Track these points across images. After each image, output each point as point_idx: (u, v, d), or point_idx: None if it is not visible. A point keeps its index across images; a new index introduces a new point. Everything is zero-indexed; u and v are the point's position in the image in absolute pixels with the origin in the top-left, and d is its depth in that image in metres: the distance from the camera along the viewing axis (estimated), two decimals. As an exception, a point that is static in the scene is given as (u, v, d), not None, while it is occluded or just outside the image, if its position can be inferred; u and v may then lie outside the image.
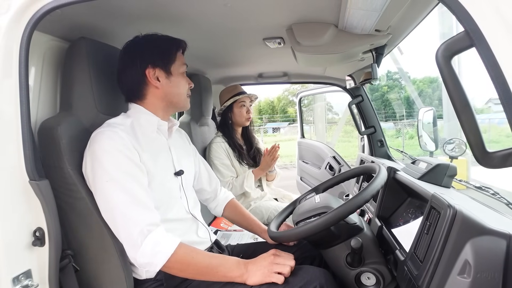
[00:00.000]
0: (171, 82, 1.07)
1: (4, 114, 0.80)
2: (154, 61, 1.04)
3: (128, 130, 0.99)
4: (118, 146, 0.92)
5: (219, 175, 1.97)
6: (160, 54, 1.05)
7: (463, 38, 0.60)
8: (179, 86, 1.09)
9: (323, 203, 1.01)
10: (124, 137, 0.95)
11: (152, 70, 1.04)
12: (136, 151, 0.96)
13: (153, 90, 1.06)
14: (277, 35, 1.37)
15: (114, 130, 0.95)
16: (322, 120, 10.27)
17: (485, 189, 1.12)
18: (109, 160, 0.90)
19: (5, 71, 0.80)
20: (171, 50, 1.07)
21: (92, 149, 0.92)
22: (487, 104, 19.68)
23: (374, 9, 0.95)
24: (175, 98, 1.09)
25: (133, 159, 0.94)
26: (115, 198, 0.89)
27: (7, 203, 0.79)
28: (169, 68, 1.06)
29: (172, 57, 1.07)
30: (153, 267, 0.89)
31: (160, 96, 1.07)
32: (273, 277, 0.91)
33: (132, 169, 0.93)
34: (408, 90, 17.05)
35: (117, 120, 1.02)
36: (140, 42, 1.06)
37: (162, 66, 1.05)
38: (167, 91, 1.07)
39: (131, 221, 0.88)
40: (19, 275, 0.80)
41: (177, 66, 1.08)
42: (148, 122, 1.06)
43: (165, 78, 1.06)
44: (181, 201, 1.11)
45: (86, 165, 0.93)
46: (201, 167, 1.35)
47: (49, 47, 1.05)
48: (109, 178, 0.89)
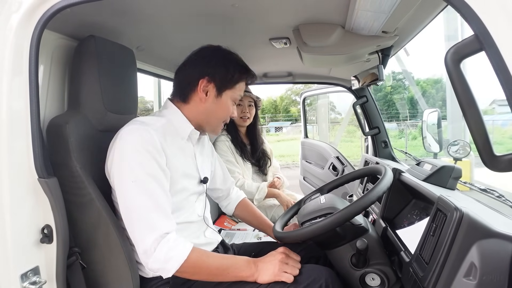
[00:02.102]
0: (217, 103, 1.05)
1: (14, 111, 0.81)
2: (213, 77, 1.02)
3: (160, 130, 0.97)
4: (148, 146, 0.91)
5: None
6: (222, 74, 1.03)
7: (472, 42, 0.60)
8: (222, 111, 1.07)
9: (328, 204, 1.02)
10: (155, 137, 0.93)
11: (206, 82, 1.02)
12: (164, 153, 0.94)
13: (197, 100, 1.05)
14: (284, 35, 1.37)
15: (147, 128, 0.93)
16: (325, 120, 10.26)
17: (490, 191, 1.12)
18: (137, 160, 0.89)
19: (15, 69, 0.81)
20: (235, 77, 1.05)
21: (121, 145, 0.90)
22: (491, 105, 19.56)
23: (383, 11, 0.95)
24: (211, 119, 1.08)
25: (160, 162, 0.93)
26: (137, 200, 0.88)
27: (16, 200, 0.80)
28: (222, 91, 1.04)
29: (232, 84, 1.05)
30: (165, 273, 0.88)
31: (200, 109, 1.05)
32: (283, 276, 0.92)
33: (158, 173, 0.92)
34: (412, 91, 17.00)
35: (149, 119, 1.00)
36: (216, 51, 1.06)
37: (217, 85, 1.03)
38: (208, 108, 1.05)
39: (148, 226, 0.87)
40: (27, 271, 0.81)
41: (232, 92, 1.06)
42: (182, 128, 1.05)
43: (214, 97, 1.04)
44: (195, 205, 1.11)
45: (112, 160, 0.92)
46: (216, 167, 1.34)
47: (58, 45, 1.06)
48: (135, 178, 0.88)
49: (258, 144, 2.21)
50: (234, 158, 2.05)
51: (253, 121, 2.18)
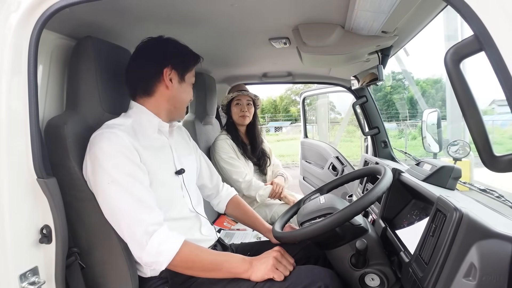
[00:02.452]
0: (181, 87, 1.11)
1: (13, 111, 0.80)
2: (175, 64, 1.07)
3: (129, 130, 0.99)
4: (117, 147, 0.92)
5: (231, 168, 1.97)
6: (181, 60, 1.09)
7: (472, 42, 0.59)
8: (186, 94, 1.13)
9: (328, 204, 1.01)
10: (124, 137, 0.94)
11: (170, 70, 1.06)
12: (136, 151, 0.96)
13: (163, 89, 1.07)
14: (283, 35, 1.37)
15: (113, 131, 0.95)
16: (325, 119, 10.26)
17: (490, 191, 1.12)
18: (109, 162, 0.90)
19: (14, 69, 0.81)
20: (190, 60, 1.12)
21: (92, 152, 0.92)
22: (491, 106, 19.57)
23: (382, 11, 0.95)
24: (178, 103, 1.12)
25: (133, 159, 0.94)
26: (117, 199, 0.89)
27: (15, 200, 0.80)
28: (184, 75, 1.10)
29: (190, 66, 1.12)
30: (158, 266, 0.90)
31: (167, 97, 1.08)
32: (275, 272, 0.92)
33: (133, 170, 0.93)
34: (411, 91, 17.01)
35: (116, 121, 1.02)
36: (165, 42, 1.09)
37: (180, 71, 1.09)
38: (175, 94, 1.09)
39: (134, 221, 0.89)
40: (26, 272, 0.81)
41: (190, 76, 1.13)
42: (150, 122, 1.07)
43: (178, 82, 1.09)
44: (184, 199, 1.12)
45: (86, 168, 0.93)
46: (202, 163, 1.35)
47: (57, 45, 1.06)
48: (110, 180, 0.90)
49: (257, 143, 2.20)
50: (237, 156, 2.04)
51: (253, 120, 2.17)
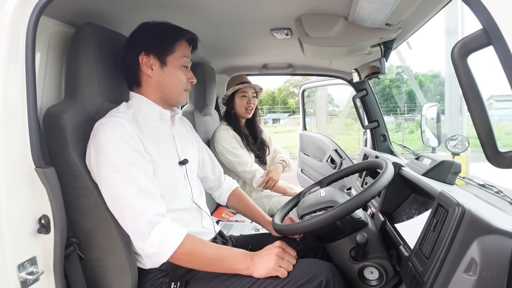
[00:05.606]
0: (165, 72, 1.04)
1: (10, 99, 0.79)
2: (148, 48, 1.01)
3: (131, 119, 0.98)
4: (121, 136, 0.91)
5: (235, 158, 1.96)
6: (156, 42, 1.02)
7: (480, 36, 0.59)
8: (173, 78, 1.05)
9: (328, 197, 1.01)
10: (127, 126, 0.93)
11: (145, 57, 1.02)
12: (140, 140, 0.95)
13: (146, 78, 1.05)
14: (285, 26, 1.35)
15: (117, 119, 0.94)
16: (324, 112, 10.25)
17: (489, 187, 1.12)
18: (113, 151, 0.89)
19: (11, 56, 0.79)
20: (169, 39, 1.03)
21: (96, 140, 0.91)
22: (489, 101, 19.64)
23: (388, 2, 0.93)
24: (168, 90, 1.06)
25: (137, 148, 0.93)
26: (121, 189, 0.88)
27: (13, 190, 0.79)
28: (164, 58, 1.03)
29: (168, 46, 1.03)
30: (160, 258, 0.89)
31: (153, 85, 1.05)
32: (279, 271, 0.92)
33: (137, 159, 0.92)
34: (410, 84, 17.00)
35: (120, 109, 1.01)
36: (142, 27, 1.05)
37: (156, 54, 1.02)
38: (160, 81, 1.04)
39: (138, 211, 0.88)
40: (24, 262, 0.80)
41: (175, 57, 1.04)
42: (150, 111, 1.05)
43: (159, 68, 1.03)
44: (186, 190, 1.11)
45: (90, 157, 0.92)
46: (204, 155, 1.34)
47: (55, 32, 1.03)
48: (114, 169, 0.89)
49: (257, 134, 2.20)
50: (239, 146, 2.03)
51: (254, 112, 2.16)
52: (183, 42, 1.07)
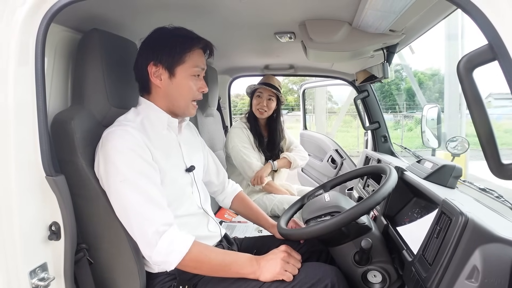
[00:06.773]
0: (173, 83, 1.02)
1: (21, 108, 0.79)
2: (158, 59, 0.99)
3: (139, 127, 0.98)
4: (130, 145, 0.91)
5: (245, 157, 1.98)
6: (165, 53, 0.99)
7: (486, 51, 0.60)
8: (182, 89, 1.03)
9: (333, 202, 1.03)
10: (136, 135, 0.93)
11: (154, 67, 1.00)
12: (148, 149, 0.95)
13: (155, 87, 1.04)
14: (289, 30, 1.36)
15: (125, 128, 0.94)
16: (323, 109, 10.25)
17: (489, 191, 1.14)
18: (122, 160, 0.90)
19: (21, 64, 0.79)
20: (179, 50, 1.00)
21: (105, 149, 0.91)
22: (487, 99, 19.65)
23: (393, 11, 0.94)
24: (175, 101, 1.05)
25: (146, 158, 0.94)
26: (129, 198, 0.89)
27: (24, 198, 0.80)
28: (173, 69, 1.01)
29: (178, 57, 1.00)
30: (167, 265, 0.91)
31: (161, 94, 1.04)
32: (284, 275, 0.93)
33: (146, 168, 0.93)
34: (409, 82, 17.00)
35: (128, 116, 1.01)
36: (155, 35, 1.04)
37: (166, 65, 1.00)
38: (168, 91, 1.03)
39: (146, 220, 0.89)
40: (36, 268, 0.82)
41: (185, 68, 1.01)
42: (159, 119, 1.04)
43: (167, 78, 1.01)
44: (193, 196, 1.12)
45: (99, 165, 0.93)
46: (209, 160, 1.35)
47: (61, 38, 1.04)
48: (123, 178, 0.89)
49: (277, 140, 2.17)
50: (251, 146, 2.05)
51: (275, 115, 2.15)
52: (196, 51, 1.03)
